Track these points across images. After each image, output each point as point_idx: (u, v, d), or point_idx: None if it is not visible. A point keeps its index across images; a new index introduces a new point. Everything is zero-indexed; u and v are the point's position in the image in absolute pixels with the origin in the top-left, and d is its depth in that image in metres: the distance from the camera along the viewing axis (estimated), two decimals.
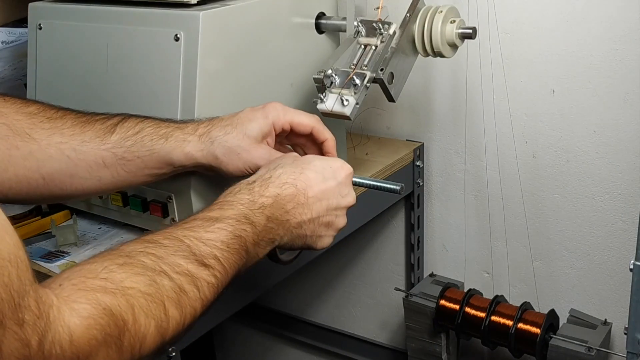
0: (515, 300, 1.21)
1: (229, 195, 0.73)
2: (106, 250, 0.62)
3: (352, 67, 0.94)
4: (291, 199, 0.74)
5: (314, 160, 0.79)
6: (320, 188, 0.77)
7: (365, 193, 1.10)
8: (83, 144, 0.80)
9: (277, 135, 0.85)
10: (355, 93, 0.91)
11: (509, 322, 1.14)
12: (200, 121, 0.84)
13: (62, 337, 0.51)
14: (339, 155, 0.89)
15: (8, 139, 0.77)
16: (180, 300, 0.61)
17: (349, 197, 0.80)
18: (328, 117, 0.93)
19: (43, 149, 0.78)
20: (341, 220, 0.80)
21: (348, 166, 0.81)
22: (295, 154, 0.83)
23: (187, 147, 0.81)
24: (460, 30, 0.98)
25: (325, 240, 0.80)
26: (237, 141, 0.81)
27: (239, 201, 0.71)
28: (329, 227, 0.79)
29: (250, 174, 0.81)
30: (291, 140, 0.89)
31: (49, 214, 1.05)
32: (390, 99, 0.96)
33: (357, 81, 0.91)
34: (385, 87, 0.94)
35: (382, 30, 0.96)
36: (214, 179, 0.91)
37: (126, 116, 0.83)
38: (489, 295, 1.22)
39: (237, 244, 0.68)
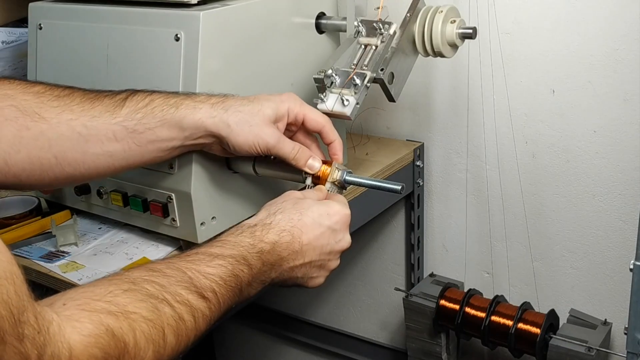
0: (515, 300, 1.21)
1: (231, 235, 0.76)
2: (111, 275, 0.64)
3: (353, 67, 0.94)
4: (287, 247, 0.77)
5: (312, 206, 0.81)
6: (315, 235, 0.79)
7: (365, 193, 1.11)
8: (93, 119, 0.80)
9: (288, 124, 0.86)
10: (355, 93, 0.91)
11: (509, 322, 1.14)
12: (213, 94, 0.84)
13: (61, 353, 0.51)
14: None
15: (18, 120, 0.76)
16: (179, 329, 0.63)
17: (343, 242, 0.83)
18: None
19: (54, 128, 0.78)
20: (334, 263, 0.83)
21: (346, 211, 0.83)
22: (297, 193, 0.84)
23: (197, 113, 0.81)
24: (461, 30, 0.98)
25: (317, 280, 0.83)
26: (252, 114, 0.82)
27: (240, 243, 0.74)
28: (321, 269, 0.82)
29: (256, 153, 0.82)
30: (298, 139, 0.89)
31: (49, 214, 1.05)
32: (391, 99, 0.96)
33: (358, 81, 0.91)
34: (385, 87, 0.94)
35: (382, 30, 0.96)
36: (215, 180, 0.91)
37: (134, 90, 0.83)
38: (489, 295, 1.22)
39: (234, 282, 0.71)
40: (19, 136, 0.76)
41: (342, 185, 0.88)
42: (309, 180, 0.87)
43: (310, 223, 0.79)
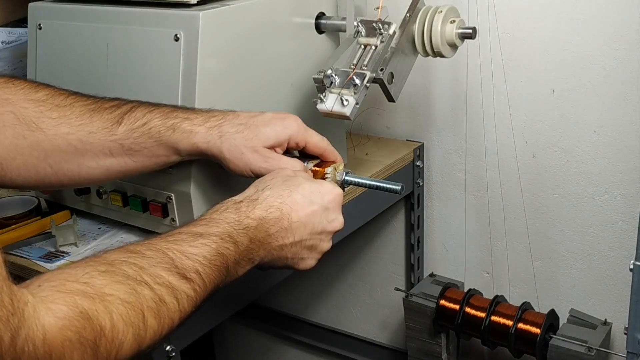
0: (515, 300, 1.21)
1: (215, 212, 0.73)
2: (89, 257, 0.62)
3: (352, 67, 0.94)
4: (275, 223, 0.75)
5: (303, 183, 0.78)
6: (305, 212, 0.77)
7: (365, 193, 1.11)
8: (90, 135, 0.80)
9: (288, 147, 0.85)
10: (355, 93, 0.91)
11: (509, 322, 1.14)
12: (213, 112, 0.84)
13: (35, 335, 0.51)
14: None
15: (15, 127, 0.77)
16: (160, 311, 0.61)
17: (336, 223, 0.80)
18: (328, 117, 0.93)
19: (50, 140, 0.79)
20: (325, 245, 0.80)
21: (338, 190, 0.81)
22: (288, 171, 0.81)
23: (193, 138, 0.81)
24: (460, 30, 0.98)
25: (308, 262, 0.80)
26: (245, 141, 0.81)
27: (224, 219, 0.72)
28: (312, 250, 0.79)
29: (249, 176, 0.82)
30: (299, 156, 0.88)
31: (49, 214, 1.05)
32: (390, 99, 0.96)
33: (357, 81, 0.91)
34: (385, 87, 0.94)
35: (382, 30, 0.96)
36: (214, 180, 0.92)
37: (135, 105, 0.83)
38: (489, 295, 1.22)
39: (219, 261, 0.68)
40: (15, 143, 0.77)
41: (341, 185, 0.88)
42: None
43: (300, 200, 0.76)
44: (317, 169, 0.86)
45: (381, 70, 0.92)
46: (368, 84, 0.92)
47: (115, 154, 0.81)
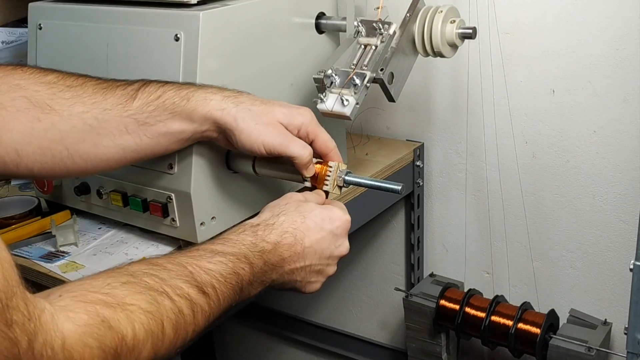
0: (515, 300, 1.21)
1: (233, 233, 0.76)
2: (110, 268, 0.63)
3: (352, 67, 0.94)
4: (289, 248, 0.77)
5: (314, 209, 0.81)
6: (316, 238, 0.80)
7: (365, 193, 1.11)
8: (105, 112, 0.80)
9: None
10: (355, 93, 0.91)
11: (509, 322, 1.14)
12: (227, 88, 0.84)
13: (54, 341, 0.51)
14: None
15: (29, 111, 0.76)
16: (178, 322, 0.62)
17: (342, 248, 0.84)
18: (328, 117, 0.93)
19: (65, 120, 0.78)
20: (331, 269, 0.83)
21: (347, 217, 0.84)
22: (299, 196, 0.84)
23: (208, 105, 0.80)
24: (460, 30, 0.98)
25: (315, 285, 0.83)
26: (261, 114, 0.81)
27: (241, 241, 0.74)
28: (319, 274, 0.82)
29: (258, 152, 0.82)
30: None
31: (49, 214, 1.05)
32: (390, 99, 0.96)
33: (357, 81, 0.91)
34: (385, 87, 0.94)
35: (382, 30, 0.96)
36: (215, 180, 0.91)
37: (147, 81, 0.83)
38: (489, 295, 1.22)
39: (235, 280, 0.70)
40: (30, 127, 0.76)
41: (341, 185, 0.88)
42: (307, 182, 0.87)
43: (312, 226, 0.79)
44: (318, 167, 0.86)
45: (381, 70, 0.92)
46: (368, 84, 0.92)
47: (131, 130, 0.80)
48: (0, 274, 0.47)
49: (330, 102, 0.92)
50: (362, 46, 0.97)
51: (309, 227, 0.79)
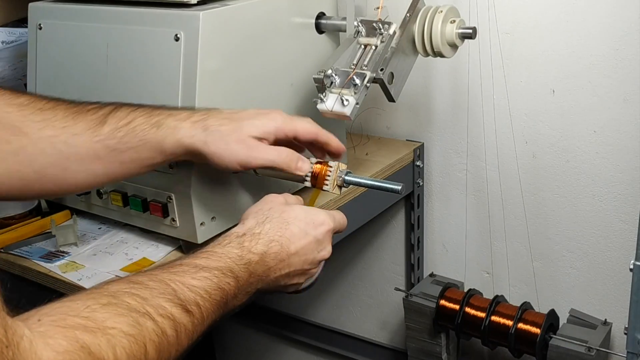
0: (515, 300, 1.21)
1: (218, 246, 0.74)
2: (91, 288, 0.61)
3: (352, 67, 0.94)
4: (275, 257, 0.77)
5: (299, 214, 0.80)
6: (301, 244, 0.79)
7: (365, 193, 1.11)
8: (75, 137, 0.79)
9: (279, 141, 0.85)
10: (355, 93, 0.91)
11: (509, 322, 1.14)
12: (197, 109, 0.83)
13: None
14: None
15: None
16: (161, 344, 0.60)
17: (325, 252, 0.82)
18: (328, 117, 0.93)
19: (34, 143, 0.77)
20: (314, 271, 0.83)
21: (329, 222, 0.82)
22: (280, 198, 0.83)
23: (178, 133, 0.80)
24: (460, 30, 0.98)
25: (296, 287, 0.82)
26: (230, 133, 0.81)
27: (227, 254, 0.73)
28: (301, 276, 0.81)
29: (234, 170, 0.81)
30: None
31: (49, 214, 1.05)
32: (390, 99, 0.96)
33: (357, 81, 0.91)
34: (385, 87, 0.94)
35: (382, 30, 0.96)
36: (215, 180, 0.91)
37: (118, 105, 0.82)
38: (489, 295, 1.22)
39: (219, 295, 0.69)
40: None
41: (341, 185, 0.88)
42: (307, 182, 0.87)
43: (297, 232, 0.79)
44: (318, 167, 0.86)
45: (381, 70, 0.92)
46: (368, 84, 0.92)
47: (101, 156, 0.80)
48: None
49: (330, 102, 0.92)
50: (362, 46, 0.97)
51: (294, 233, 0.78)
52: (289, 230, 0.78)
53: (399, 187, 0.85)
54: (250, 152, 0.81)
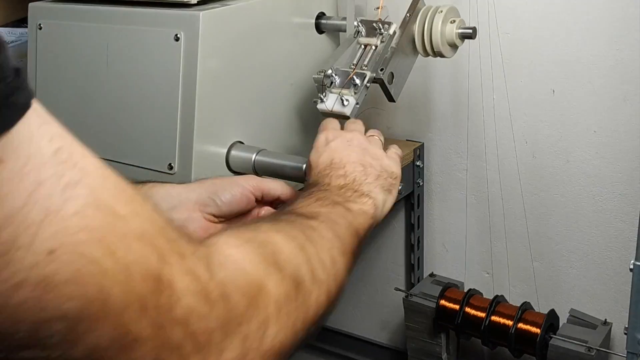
0: (515, 300, 1.20)
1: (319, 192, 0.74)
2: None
3: (352, 67, 0.94)
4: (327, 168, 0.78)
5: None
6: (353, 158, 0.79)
7: None
8: None
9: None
10: (355, 93, 0.91)
11: (509, 322, 1.14)
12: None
13: (227, 264, 0.46)
14: None
15: None
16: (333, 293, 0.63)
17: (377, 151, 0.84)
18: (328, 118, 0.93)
19: None
20: (385, 163, 0.83)
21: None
22: (348, 136, 0.80)
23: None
24: (460, 30, 0.98)
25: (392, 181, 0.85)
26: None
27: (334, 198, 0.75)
28: (371, 169, 0.82)
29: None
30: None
31: None
32: (390, 99, 0.96)
33: (357, 81, 0.91)
34: (385, 87, 0.94)
35: (382, 30, 0.96)
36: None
37: None
38: (489, 295, 1.22)
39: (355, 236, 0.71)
40: None
41: None
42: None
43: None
44: None
45: (381, 70, 0.92)
46: (368, 84, 0.92)
47: None
48: (161, 220, 0.42)
49: (330, 102, 0.92)
50: (362, 46, 0.97)
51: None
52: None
53: (399, 187, 0.85)
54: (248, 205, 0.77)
